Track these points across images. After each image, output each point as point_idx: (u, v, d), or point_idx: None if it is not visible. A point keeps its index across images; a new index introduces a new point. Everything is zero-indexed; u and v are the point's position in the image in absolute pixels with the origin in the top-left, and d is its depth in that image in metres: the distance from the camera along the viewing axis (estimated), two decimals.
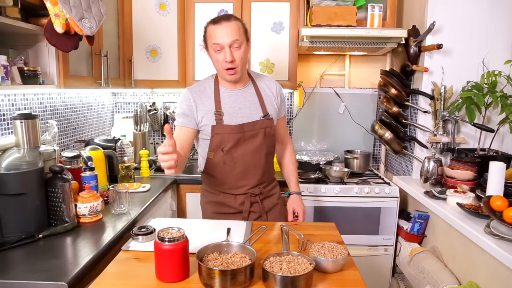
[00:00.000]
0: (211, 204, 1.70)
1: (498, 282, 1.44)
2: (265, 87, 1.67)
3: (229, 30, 1.46)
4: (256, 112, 1.61)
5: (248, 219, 1.66)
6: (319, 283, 1.09)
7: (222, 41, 1.46)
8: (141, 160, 2.38)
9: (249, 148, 1.59)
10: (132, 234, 1.33)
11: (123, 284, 1.07)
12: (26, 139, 1.45)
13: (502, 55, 2.14)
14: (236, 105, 1.59)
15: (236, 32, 1.47)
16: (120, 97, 2.94)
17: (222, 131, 1.56)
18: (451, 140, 2.16)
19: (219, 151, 1.58)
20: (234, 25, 1.47)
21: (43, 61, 1.63)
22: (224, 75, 1.54)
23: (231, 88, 1.61)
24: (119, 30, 2.36)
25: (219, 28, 1.47)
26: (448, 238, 1.84)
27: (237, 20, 1.50)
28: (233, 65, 1.49)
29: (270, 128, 1.63)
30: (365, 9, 2.33)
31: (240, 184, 1.63)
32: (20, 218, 1.34)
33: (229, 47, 1.47)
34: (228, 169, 1.61)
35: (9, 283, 1.07)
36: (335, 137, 2.84)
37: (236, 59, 1.49)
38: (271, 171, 1.74)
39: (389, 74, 2.41)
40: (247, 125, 1.58)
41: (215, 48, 1.48)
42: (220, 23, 1.47)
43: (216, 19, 1.49)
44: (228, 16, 1.50)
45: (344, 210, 2.28)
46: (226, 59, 1.47)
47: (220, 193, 1.67)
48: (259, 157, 1.62)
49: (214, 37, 1.48)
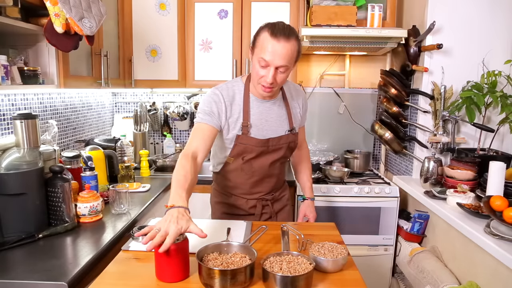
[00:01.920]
0: (222, 204, 1.69)
1: (498, 282, 1.44)
2: (293, 100, 1.60)
3: (283, 52, 1.32)
4: (282, 126, 1.56)
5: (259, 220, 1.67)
6: (319, 283, 1.09)
7: (271, 60, 1.33)
8: (141, 160, 2.38)
9: (269, 160, 1.57)
10: (132, 234, 1.33)
11: (123, 284, 1.07)
12: (26, 139, 1.45)
13: (502, 55, 2.14)
14: (263, 117, 1.52)
15: (289, 57, 1.34)
16: (120, 97, 2.94)
17: (247, 142, 1.50)
18: (451, 140, 2.16)
19: (239, 159, 1.55)
20: (290, 48, 1.33)
21: (43, 61, 1.63)
22: (258, 88, 1.44)
23: (261, 97, 1.52)
24: (119, 30, 2.36)
25: (275, 47, 1.32)
26: (448, 238, 1.84)
27: (295, 41, 1.35)
28: (272, 85, 1.40)
29: (293, 143, 1.61)
30: (365, 9, 2.33)
31: (253, 191, 1.63)
32: (20, 218, 1.34)
33: (276, 68, 1.35)
34: (245, 176, 1.59)
35: (9, 283, 1.07)
36: (335, 137, 2.84)
37: (277, 82, 1.39)
38: (283, 176, 1.74)
39: (389, 74, 2.41)
40: (273, 140, 1.53)
41: (261, 62, 1.36)
42: (279, 40, 1.31)
43: (276, 32, 1.32)
44: (289, 33, 1.33)
45: (344, 210, 2.28)
46: (267, 79, 1.37)
47: (232, 196, 1.66)
48: (275, 167, 1.62)
49: (265, 51, 1.33)
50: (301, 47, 1.42)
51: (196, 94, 2.87)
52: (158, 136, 2.96)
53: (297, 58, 1.41)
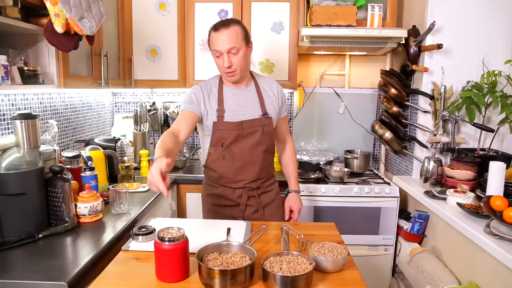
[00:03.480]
0: (211, 196, 1.76)
1: (498, 282, 1.44)
2: (267, 88, 1.73)
3: (226, 37, 1.53)
4: (256, 110, 1.68)
5: (244, 212, 1.72)
6: (319, 283, 1.09)
7: (220, 48, 1.55)
8: (141, 160, 2.38)
9: (247, 144, 1.66)
10: (132, 234, 1.33)
11: (123, 284, 1.07)
12: (26, 139, 1.45)
13: (502, 55, 2.14)
14: (238, 103, 1.67)
15: (233, 39, 1.54)
16: (120, 97, 2.94)
17: (223, 128, 1.63)
18: (451, 140, 2.16)
19: (219, 146, 1.65)
20: (232, 32, 1.54)
21: (43, 61, 1.63)
22: (225, 76, 1.65)
23: (234, 87, 1.69)
24: (119, 30, 2.35)
25: (218, 36, 1.55)
26: (448, 238, 1.84)
27: (236, 25, 1.56)
28: (231, 69, 1.58)
29: (268, 127, 1.69)
30: (365, 9, 2.33)
31: (238, 179, 1.69)
32: (20, 218, 1.34)
33: (227, 53, 1.55)
34: (227, 163, 1.67)
35: (9, 283, 1.07)
36: (335, 137, 2.84)
37: (233, 64, 1.57)
38: (269, 168, 1.78)
39: (389, 74, 2.41)
40: (246, 122, 1.65)
41: (215, 54, 1.59)
42: (219, 31, 1.55)
43: (216, 26, 1.57)
44: (228, 22, 1.56)
45: (344, 210, 2.28)
46: (224, 64, 1.56)
47: (220, 186, 1.73)
48: (256, 153, 1.68)
49: (214, 43, 1.57)
50: (246, 29, 1.61)
51: None
52: (158, 136, 2.96)
53: (247, 38, 1.60)
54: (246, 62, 1.63)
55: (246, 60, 1.62)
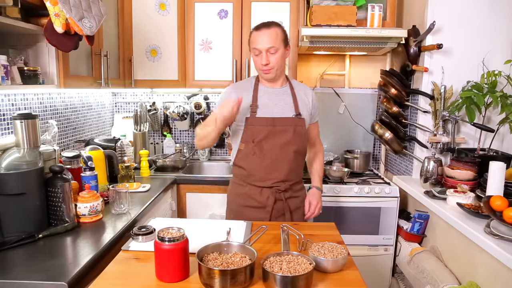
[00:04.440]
0: (238, 196, 1.75)
1: (498, 282, 1.44)
2: (301, 92, 1.77)
3: (266, 37, 1.61)
4: (289, 110, 1.71)
5: (271, 215, 1.69)
6: (319, 283, 1.09)
7: (260, 46, 1.62)
8: (141, 160, 2.38)
9: (278, 142, 1.67)
10: (132, 234, 1.33)
11: (123, 284, 1.07)
12: (26, 139, 1.45)
13: (502, 55, 2.14)
14: (271, 101, 1.71)
15: (273, 39, 1.61)
16: (120, 97, 2.94)
17: (255, 123, 1.67)
18: (451, 140, 2.16)
19: (250, 142, 1.68)
20: (272, 32, 1.62)
21: (43, 61, 1.63)
22: (261, 73, 1.70)
23: (269, 86, 1.74)
24: (119, 30, 2.36)
25: (259, 35, 1.63)
26: (448, 238, 1.84)
27: (277, 27, 1.64)
28: (268, 66, 1.64)
29: (300, 127, 1.71)
30: (365, 9, 2.33)
31: (267, 177, 1.68)
32: (20, 218, 1.34)
33: (266, 51, 1.62)
34: (257, 160, 1.68)
35: (9, 283, 1.07)
36: (335, 137, 2.84)
37: (271, 62, 1.63)
38: (298, 170, 1.77)
39: (389, 74, 2.41)
40: (279, 120, 1.67)
41: (255, 52, 1.65)
42: (261, 30, 1.63)
43: (258, 26, 1.66)
44: (269, 24, 1.65)
45: (344, 210, 2.28)
46: (262, 62, 1.63)
47: (247, 185, 1.72)
48: (287, 152, 1.68)
49: (254, 42, 1.65)
50: (285, 32, 1.68)
51: (196, 94, 2.87)
52: (158, 136, 2.96)
53: (285, 41, 1.67)
54: (283, 63, 1.69)
55: (283, 61, 1.68)
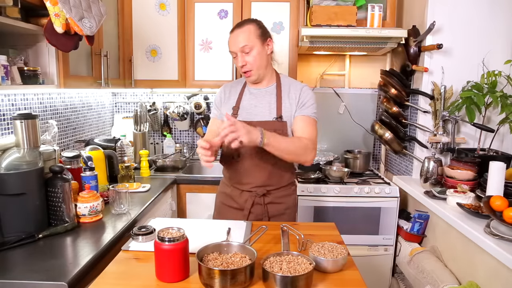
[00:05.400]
0: (222, 194, 1.77)
1: (498, 282, 1.44)
2: (289, 90, 1.63)
3: (238, 37, 1.55)
4: (269, 112, 1.62)
5: (248, 218, 1.66)
6: (319, 283, 1.09)
7: (233, 49, 1.57)
8: (141, 160, 2.38)
9: (256, 146, 1.51)
10: (132, 234, 1.33)
11: (123, 284, 1.07)
12: (26, 139, 1.45)
13: (502, 55, 2.14)
14: (253, 102, 1.65)
15: (246, 38, 1.54)
16: (120, 97, 2.94)
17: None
18: (451, 140, 2.16)
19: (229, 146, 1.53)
20: (244, 31, 1.55)
21: (43, 61, 1.63)
22: (244, 77, 1.66)
23: (253, 87, 1.69)
24: (119, 30, 2.36)
25: (232, 37, 1.58)
26: (448, 238, 1.84)
27: (250, 24, 1.57)
28: (246, 68, 1.58)
29: (281, 131, 1.57)
30: (365, 9, 2.33)
31: (245, 181, 1.65)
32: (20, 218, 1.34)
33: (241, 52, 1.56)
34: (235, 164, 1.66)
35: (9, 283, 1.07)
36: (335, 137, 2.84)
37: (247, 63, 1.57)
38: (280, 177, 1.66)
39: (389, 74, 2.41)
40: (257, 123, 1.53)
41: (232, 55, 1.60)
42: (233, 31, 1.58)
43: (232, 29, 1.60)
44: (242, 23, 1.59)
45: (344, 210, 2.28)
46: (238, 64, 1.59)
47: (231, 186, 1.72)
48: (266, 157, 1.57)
49: (229, 45, 1.59)
50: (262, 26, 1.60)
51: (196, 94, 2.87)
52: (158, 136, 2.96)
53: (263, 36, 1.58)
54: (262, 61, 1.58)
55: (262, 59, 1.58)
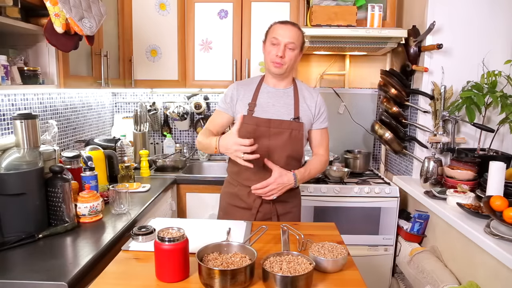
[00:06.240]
0: (228, 194, 1.75)
1: (498, 282, 1.44)
2: (307, 96, 1.70)
3: (290, 32, 1.59)
4: (287, 112, 1.65)
5: (256, 217, 1.66)
6: (319, 283, 1.09)
7: (281, 38, 1.59)
8: (141, 160, 2.38)
9: (271, 144, 1.62)
10: (132, 234, 1.33)
11: (123, 284, 1.07)
12: (26, 139, 1.45)
13: (502, 55, 2.14)
14: (270, 101, 1.66)
15: (295, 37, 1.60)
16: (120, 97, 2.94)
17: (251, 122, 1.62)
18: (451, 140, 2.16)
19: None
20: (296, 31, 1.61)
21: (43, 61, 1.63)
22: (270, 66, 1.64)
23: (272, 86, 1.69)
24: (119, 30, 2.36)
25: (283, 28, 1.60)
26: (448, 238, 1.84)
27: (300, 30, 1.64)
28: (281, 61, 1.60)
29: (297, 131, 1.64)
30: (365, 9, 2.33)
31: (256, 177, 1.61)
32: (20, 218, 1.34)
33: (285, 45, 1.58)
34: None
35: (9, 283, 1.07)
36: (335, 137, 2.83)
37: (286, 57, 1.60)
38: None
39: (389, 74, 2.41)
40: (274, 121, 1.63)
41: (273, 41, 1.60)
42: (286, 25, 1.62)
43: (283, 21, 1.64)
44: (294, 23, 1.65)
45: (344, 210, 2.28)
46: (277, 53, 1.58)
47: (238, 185, 1.71)
48: (279, 156, 1.62)
49: (276, 32, 1.61)
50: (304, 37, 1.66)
51: (196, 94, 2.87)
52: (158, 136, 2.96)
53: (302, 46, 1.65)
54: (294, 63, 1.65)
55: (295, 62, 1.64)
